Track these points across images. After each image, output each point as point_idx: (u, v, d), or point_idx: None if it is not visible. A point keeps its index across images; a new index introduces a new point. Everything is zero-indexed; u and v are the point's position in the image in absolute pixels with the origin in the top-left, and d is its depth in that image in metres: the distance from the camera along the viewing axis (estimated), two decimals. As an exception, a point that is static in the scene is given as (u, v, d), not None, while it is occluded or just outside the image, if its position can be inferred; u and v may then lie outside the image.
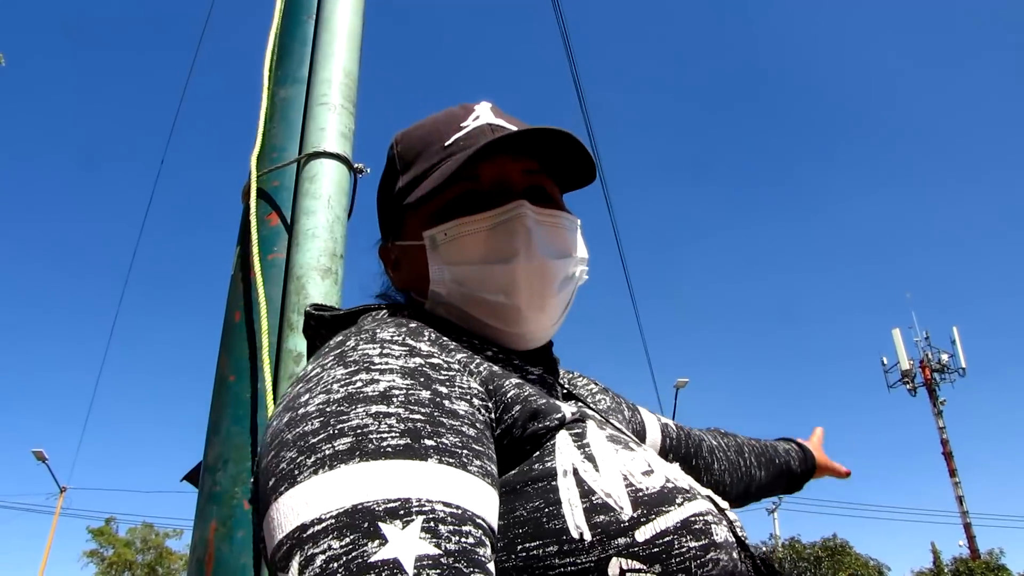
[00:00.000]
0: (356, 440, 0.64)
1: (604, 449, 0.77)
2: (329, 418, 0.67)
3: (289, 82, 1.54)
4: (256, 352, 1.19)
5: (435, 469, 0.64)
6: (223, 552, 1.04)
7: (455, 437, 0.68)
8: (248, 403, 1.15)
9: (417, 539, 0.59)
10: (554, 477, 0.72)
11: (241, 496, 1.07)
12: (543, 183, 0.99)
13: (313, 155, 1.38)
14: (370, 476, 0.62)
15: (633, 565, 0.67)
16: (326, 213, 1.31)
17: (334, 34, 1.56)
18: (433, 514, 0.61)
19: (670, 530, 0.70)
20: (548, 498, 0.71)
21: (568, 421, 0.78)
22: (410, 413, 0.68)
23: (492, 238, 0.92)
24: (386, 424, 0.66)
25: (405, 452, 0.64)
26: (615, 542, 0.68)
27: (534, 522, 0.70)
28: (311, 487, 0.62)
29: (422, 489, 0.62)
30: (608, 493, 0.71)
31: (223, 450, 1.12)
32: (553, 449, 0.75)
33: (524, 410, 0.77)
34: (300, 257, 1.25)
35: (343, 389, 0.69)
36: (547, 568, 0.68)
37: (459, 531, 0.61)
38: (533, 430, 0.76)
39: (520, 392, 0.78)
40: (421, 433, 0.66)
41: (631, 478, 0.74)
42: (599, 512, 0.70)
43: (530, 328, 0.92)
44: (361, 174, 1.45)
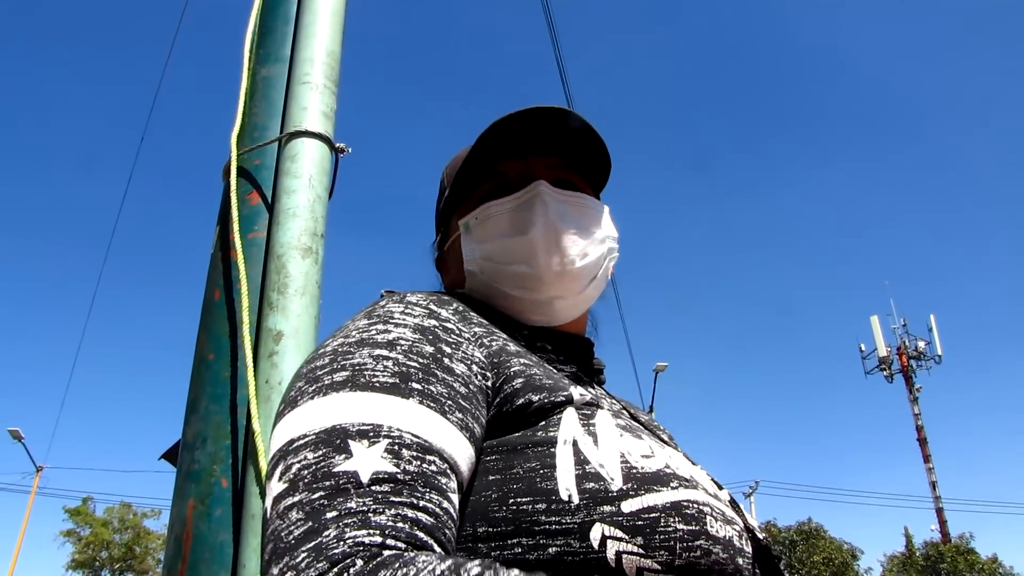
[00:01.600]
0: (352, 374, 0.73)
1: (609, 431, 0.80)
2: (337, 356, 0.76)
3: (271, 61, 1.53)
4: (236, 331, 1.19)
5: (414, 407, 0.72)
6: (201, 530, 1.05)
7: (443, 388, 0.75)
8: (227, 382, 1.15)
9: (379, 457, 0.67)
10: (554, 445, 0.77)
11: (219, 474, 1.08)
12: (569, 176, 1.04)
13: (294, 134, 1.38)
14: (354, 403, 0.71)
15: (615, 533, 0.70)
16: (307, 192, 1.30)
17: (316, 13, 1.55)
18: (400, 440, 0.69)
19: (658, 508, 0.72)
20: (545, 461, 0.75)
21: (578, 403, 0.82)
22: (408, 360, 0.76)
23: (515, 215, 1.00)
24: (383, 365, 0.74)
25: (391, 389, 0.72)
26: (601, 509, 0.72)
27: (528, 480, 0.74)
28: (305, 410, 0.72)
29: (396, 419, 0.70)
30: (602, 464, 0.75)
31: (202, 428, 1.12)
32: (559, 422, 0.79)
33: (527, 384, 0.82)
34: (281, 236, 1.25)
35: (358, 335, 0.79)
36: (533, 524, 0.72)
37: (422, 458, 0.69)
38: (538, 404, 0.81)
39: (525, 369, 0.84)
40: (412, 377, 0.74)
41: (628, 457, 0.77)
42: (590, 480, 0.74)
43: (551, 293, 0.97)
44: (343, 154, 1.44)
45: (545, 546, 0.71)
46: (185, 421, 1.17)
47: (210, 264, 1.33)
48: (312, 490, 0.65)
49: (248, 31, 1.58)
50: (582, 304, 1.03)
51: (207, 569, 1.02)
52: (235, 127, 1.42)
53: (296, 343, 1.14)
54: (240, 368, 1.15)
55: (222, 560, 1.02)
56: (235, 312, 1.20)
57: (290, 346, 1.14)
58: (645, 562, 0.70)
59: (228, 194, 1.33)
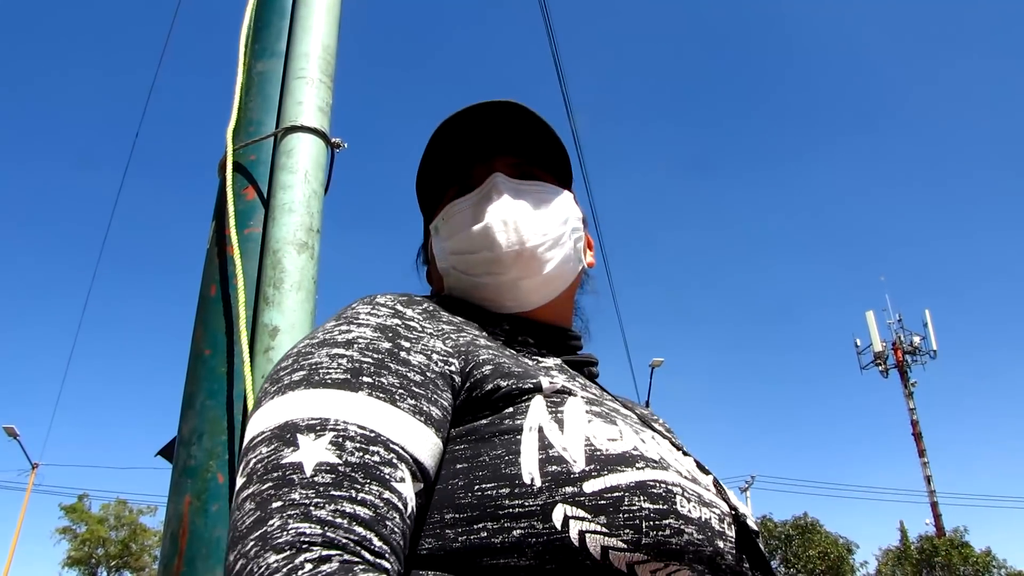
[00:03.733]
0: (308, 373, 0.77)
1: (577, 417, 0.81)
2: (299, 357, 0.79)
3: (267, 55, 1.53)
4: (232, 326, 1.18)
5: (362, 399, 0.75)
6: (197, 525, 1.05)
7: (395, 379, 0.78)
8: (223, 377, 1.15)
9: (323, 449, 0.70)
10: (520, 432, 0.78)
11: (215, 470, 1.08)
12: (532, 171, 1.06)
13: (290, 129, 1.38)
14: (305, 400, 0.74)
15: (577, 513, 0.72)
16: (303, 187, 1.30)
17: (312, 8, 1.55)
18: (344, 432, 0.71)
19: (621, 487, 0.73)
20: (510, 448, 0.77)
21: (547, 391, 0.83)
22: (362, 357, 0.79)
23: (475, 208, 1.03)
24: (337, 363, 0.77)
25: (342, 385, 0.75)
26: (562, 490, 0.73)
27: (493, 467, 0.76)
28: (266, 409, 0.75)
29: (343, 413, 0.73)
30: (565, 448, 0.76)
31: (198, 424, 1.12)
32: (526, 410, 0.81)
33: (495, 371, 0.83)
34: (276, 231, 1.25)
35: (321, 336, 0.82)
36: (497, 508, 0.73)
37: (365, 449, 0.71)
38: (506, 389, 0.82)
39: (494, 357, 0.86)
40: (363, 372, 0.77)
41: (593, 440, 0.78)
42: (552, 463, 0.75)
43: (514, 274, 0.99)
44: (338, 149, 1.44)
45: (509, 529, 0.72)
46: (181, 417, 1.17)
47: (206, 259, 1.32)
48: (263, 481, 0.68)
49: (244, 26, 1.58)
50: (551, 285, 1.04)
51: (203, 564, 1.02)
52: (230, 122, 1.42)
53: (292, 338, 1.14)
54: (236, 363, 1.15)
55: (218, 556, 1.02)
56: (231, 308, 1.20)
57: (286, 341, 1.14)
58: (610, 540, 0.70)
59: (224, 189, 1.32)
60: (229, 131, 1.40)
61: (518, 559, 0.71)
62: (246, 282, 1.19)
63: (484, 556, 0.71)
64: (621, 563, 0.70)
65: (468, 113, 1.03)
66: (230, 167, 1.35)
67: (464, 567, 0.72)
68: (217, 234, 1.32)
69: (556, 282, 1.04)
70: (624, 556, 0.70)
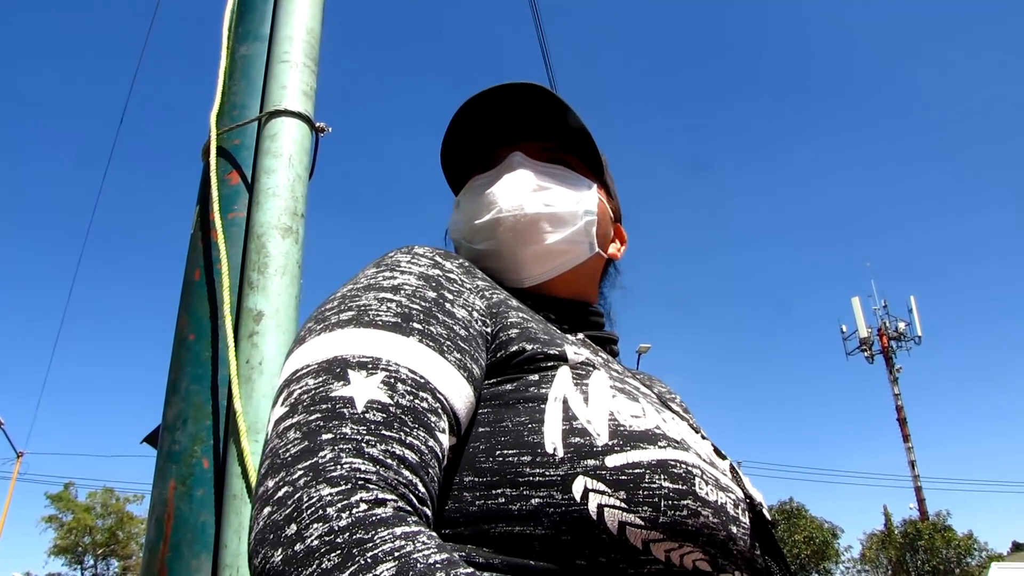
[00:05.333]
0: (357, 313, 0.77)
1: (601, 390, 0.82)
2: (345, 299, 0.79)
3: (250, 39, 1.51)
4: (216, 311, 1.18)
5: (414, 344, 0.74)
6: (182, 510, 1.04)
7: (443, 329, 0.78)
8: (208, 362, 1.14)
9: (375, 387, 0.69)
10: (544, 401, 0.79)
11: (200, 455, 1.07)
12: (564, 157, 1.06)
13: (274, 113, 1.37)
14: (356, 338, 0.74)
15: (597, 486, 0.72)
16: (287, 172, 1.29)
17: (296, -10, 1.53)
18: (397, 373, 0.71)
19: (642, 464, 0.73)
20: (534, 416, 0.77)
21: (573, 361, 0.84)
22: (410, 303, 0.79)
23: (491, 180, 1.04)
24: (386, 306, 0.77)
25: (393, 327, 0.75)
26: (584, 463, 0.73)
27: (516, 433, 0.76)
28: (311, 345, 0.75)
29: (395, 355, 0.73)
30: (589, 421, 0.77)
31: (182, 409, 1.12)
32: (552, 380, 0.81)
33: (522, 334, 0.84)
34: (261, 216, 1.24)
35: (365, 281, 0.82)
36: (517, 475, 0.73)
37: (415, 393, 0.71)
38: (531, 352, 0.83)
39: (523, 321, 0.86)
40: (413, 318, 0.77)
41: (617, 416, 0.79)
42: (576, 435, 0.75)
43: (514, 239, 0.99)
44: (323, 133, 1.43)
45: (528, 497, 0.72)
46: (166, 402, 1.17)
47: (190, 245, 1.32)
48: (310, 412, 0.67)
49: (227, 9, 1.56)
50: (551, 259, 1.04)
51: (189, 550, 1.02)
52: (214, 106, 1.41)
53: (276, 323, 1.13)
54: (221, 348, 1.14)
55: (204, 540, 1.02)
56: (215, 292, 1.19)
57: (270, 326, 1.13)
58: (628, 516, 0.71)
59: (208, 174, 1.31)
60: (213, 115, 1.39)
61: (534, 527, 0.71)
62: (230, 267, 1.19)
63: (500, 522, 0.72)
64: (637, 540, 0.71)
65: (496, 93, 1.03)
66: (214, 151, 1.34)
67: (479, 531, 0.72)
68: (201, 219, 1.31)
69: (558, 258, 1.04)
70: (640, 533, 0.71)
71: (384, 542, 0.58)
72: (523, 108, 1.05)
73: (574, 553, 0.70)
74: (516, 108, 1.05)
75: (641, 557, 0.71)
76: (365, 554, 0.57)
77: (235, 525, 1.00)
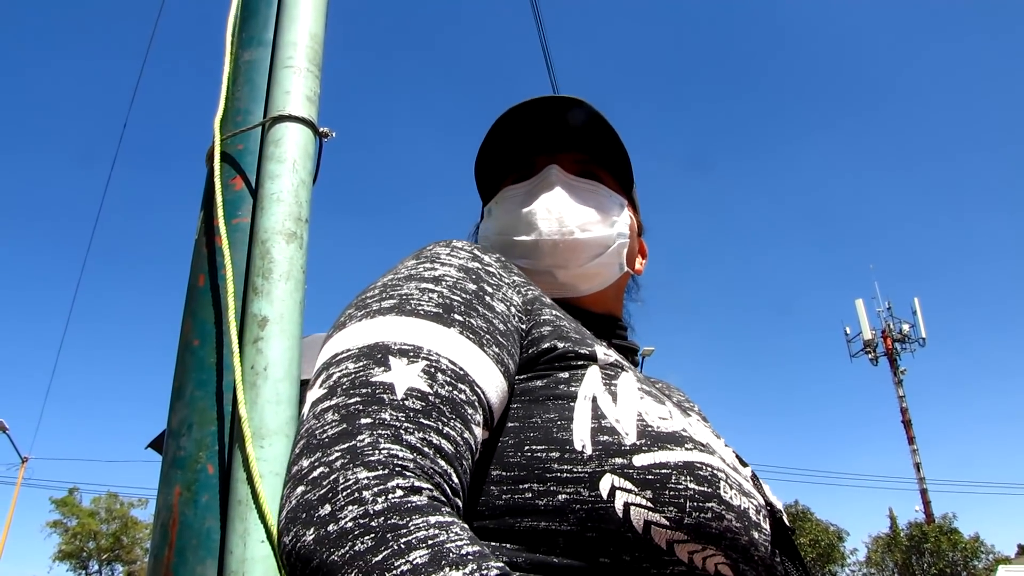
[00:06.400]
0: (399, 302, 0.78)
1: (629, 391, 0.83)
2: (387, 288, 0.82)
3: (254, 44, 1.51)
4: (221, 316, 1.18)
5: (455, 336, 0.76)
6: (187, 516, 1.04)
7: (483, 322, 0.79)
8: (213, 367, 1.14)
9: (416, 375, 0.70)
10: (574, 399, 0.80)
11: (205, 460, 1.07)
12: (595, 171, 1.07)
13: (278, 119, 1.37)
14: (398, 325, 0.75)
15: (624, 484, 0.72)
16: (291, 177, 1.30)
17: (299, -4, 1.53)
18: (437, 363, 0.72)
19: (669, 465, 0.74)
20: (563, 414, 0.78)
21: (603, 362, 0.84)
22: (452, 294, 0.80)
23: (526, 196, 1.06)
24: (428, 296, 0.79)
25: (435, 317, 0.76)
26: (612, 460, 0.74)
27: (545, 430, 0.77)
28: (352, 330, 0.78)
29: (436, 345, 0.74)
30: (618, 420, 0.77)
31: (187, 414, 1.12)
32: (582, 378, 0.82)
33: (554, 332, 0.85)
34: (265, 221, 1.24)
35: (406, 271, 0.84)
36: (545, 471, 0.75)
37: (454, 384, 0.72)
38: (563, 350, 0.84)
39: (556, 320, 0.87)
40: (455, 309, 0.78)
41: (645, 416, 0.79)
42: (604, 433, 0.76)
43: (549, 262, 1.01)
44: (326, 138, 1.44)
45: (555, 493, 0.72)
46: (170, 408, 1.17)
47: (194, 250, 1.32)
48: (349, 395, 0.69)
49: (230, 14, 1.56)
50: (586, 280, 1.05)
51: (194, 556, 1.02)
52: (218, 112, 1.41)
53: (281, 328, 1.13)
54: (225, 354, 1.14)
55: (209, 546, 1.02)
56: (220, 298, 1.19)
57: (275, 331, 1.13)
58: (653, 516, 0.71)
59: (212, 179, 1.32)
60: (217, 121, 1.39)
61: (559, 523, 0.71)
62: (235, 272, 1.19)
63: (526, 517, 0.72)
64: (662, 540, 0.71)
65: (537, 104, 1.03)
66: (218, 157, 1.34)
67: (504, 525, 0.72)
68: (205, 224, 1.32)
69: (594, 280, 1.06)
70: (665, 533, 0.71)
71: (419, 529, 0.58)
72: (559, 119, 1.06)
73: (598, 550, 0.71)
74: (553, 119, 1.06)
75: (664, 557, 0.71)
76: (399, 540, 0.57)
77: (240, 531, 0.99)
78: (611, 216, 1.06)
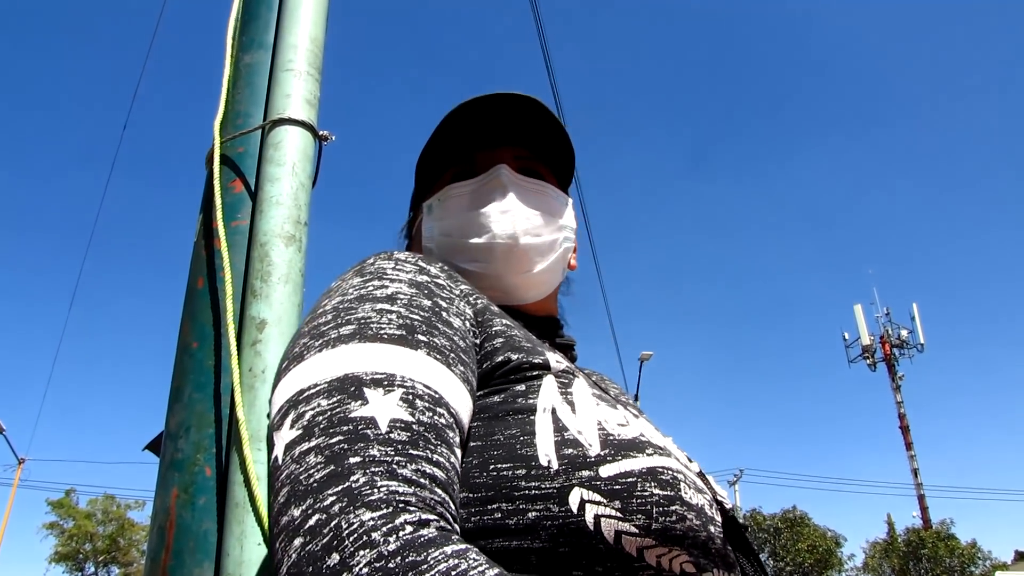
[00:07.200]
0: (359, 327, 0.74)
1: (585, 399, 0.82)
2: (340, 313, 0.76)
3: (254, 47, 1.52)
4: (220, 319, 1.18)
5: (423, 358, 0.73)
6: (185, 519, 1.04)
7: (446, 340, 0.77)
8: (211, 370, 1.14)
9: (395, 405, 0.67)
10: (533, 412, 0.78)
11: (203, 463, 1.07)
12: (536, 167, 1.06)
13: (278, 121, 1.37)
14: (364, 353, 0.71)
15: (593, 497, 0.72)
16: (290, 180, 1.30)
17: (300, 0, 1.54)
18: (413, 389, 0.69)
19: (634, 473, 0.74)
20: (525, 428, 0.77)
21: (555, 369, 0.83)
22: (410, 313, 0.77)
23: (474, 195, 1.02)
24: (387, 318, 0.75)
25: (399, 340, 0.73)
26: (579, 474, 0.73)
27: (508, 447, 0.75)
28: (314, 362, 0.72)
29: (408, 369, 0.71)
30: (580, 431, 0.77)
31: (185, 417, 1.12)
32: (538, 389, 0.81)
33: (507, 344, 0.84)
34: (264, 224, 1.24)
35: (356, 292, 0.79)
36: (513, 489, 0.73)
37: (433, 409, 0.69)
38: (516, 362, 0.82)
39: (507, 329, 0.86)
40: (417, 330, 0.75)
41: (605, 425, 0.79)
42: (569, 446, 0.75)
43: (501, 268, 0.98)
44: (326, 141, 1.44)
45: (524, 511, 0.71)
46: (168, 410, 1.17)
47: (193, 253, 1.32)
48: (330, 435, 0.64)
49: (231, 18, 1.57)
50: (535, 284, 1.04)
51: (191, 558, 1.01)
52: (218, 115, 1.41)
53: (279, 331, 1.13)
54: (224, 356, 1.14)
55: (206, 549, 1.02)
56: (218, 300, 1.19)
57: (273, 334, 1.13)
58: (623, 525, 0.71)
59: (212, 182, 1.32)
60: (217, 123, 1.39)
61: (531, 541, 0.70)
62: (233, 274, 1.19)
63: (497, 537, 0.71)
64: (632, 548, 0.71)
65: (483, 100, 1.01)
66: (218, 160, 1.34)
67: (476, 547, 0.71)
68: (204, 227, 1.32)
69: (542, 286, 1.05)
70: (635, 541, 0.71)
71: (438, 562, 0.56)
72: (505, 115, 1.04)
73: (571, 565, 0.70)
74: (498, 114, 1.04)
75: (635, 564, 0.71)
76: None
77: (237, 533, 1.00)
78: (559, 218, 1.06)
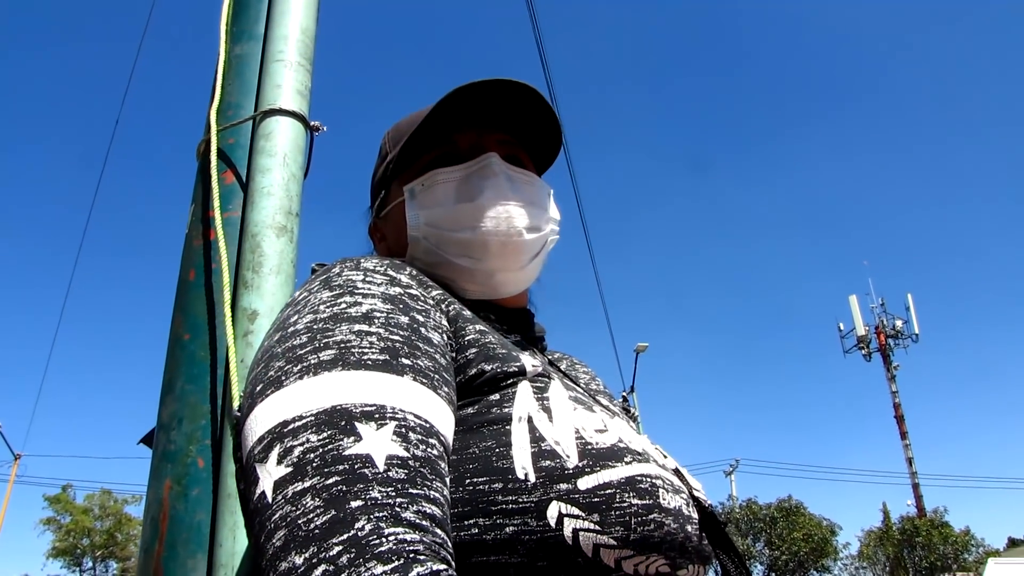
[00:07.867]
0: (340, 352, 0.70)
1: (562, 405, 0.80)
2: (316, 334, 0.72)
3: (245, 38, 1.51)
4: (211, 310, 1.18)
5: (410, 384, 0.69)
6: (178, 510, 1.04)
7: (429, 361, 0.74)
8: (203, 361, 1.14)
9: (389, 440, 0.64)
10: (509, 422, 0.76)
11: (196, 454, 1.07)
12: (518, 153, 1.04)
13: (269, 112, 1.36)
14: (351, 383, 0.67)
15: (572, 511, 0.70)
16: (282, 171, 1.29)
17: (291, -10, 1.53)
18: (405, 422, 0.66)
19: (613, 484, 0.72)
20: (500, 440, 0.74)
21: (531, 374, 0.82)
22: (390, 334, 0.73)
23: (463, 184, 0.98)
24: (368, 341, 0.71)
25: (384, 366, 0.69)
26: (557, 487, 0.71)
27: (484, 460, 0.73)
28: (295, 390, 0.67)
29: (397, 399, 0.67)
30: (557, 442, 0.75)
31: (177, 408, 1.11)
32: (513, 397, 0.78)
33: (480, 353, 0.81)
34: (255, 215, 1.24)
35: (328, 309, 0.75)
36: (490, 503, 0.71)
37: (426, 441, 0.67)
38: (491, 373, 0.79)
39: (480, 337, 0.82)
40: (400, 352, 0.72)
41: (583, 432, 0.77)
42: (546, 458, 0.73)
43: (494, 264, 0.96)
44: (317, 132, 1.43)
45: (502, 526, 0.70)
46: (161, 402, 1.16)
47: (184, 244, 1.31)
48: (325, 475, 0.60)
49: (223, 9, 1.56)
50: (523, 280, 1.02)
51: (184, 549, 1.01)
52: (212, 105, 1.41)
53: (271, 322, 1.13)
54: (217, 348, 1.14)
55: (199, 540, 1.02)
56: (210, 292, 1.19)
57: (265, 325, 1.13)
58: (601, 538, 0.70)
59: (207, 172, 1.31)
60: (211, 115, 1.39)
61: (509, 556, 0.70)
62: (226, 266, 1.19)
63: (475, 553, 0.70)
64: (610, 559, 0.70)
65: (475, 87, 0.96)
66: (214, 150, 1.33)
67: None
68: (196, 218, 1.31)
69: (528, 281, 1.03)
70: (614, 553, 0.70)
71: None
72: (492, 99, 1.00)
73: None
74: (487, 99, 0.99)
75: (613, 575, 0.71)
76: None
77: (230, 524, 1.00)
78: (546, 211, 1.03)
